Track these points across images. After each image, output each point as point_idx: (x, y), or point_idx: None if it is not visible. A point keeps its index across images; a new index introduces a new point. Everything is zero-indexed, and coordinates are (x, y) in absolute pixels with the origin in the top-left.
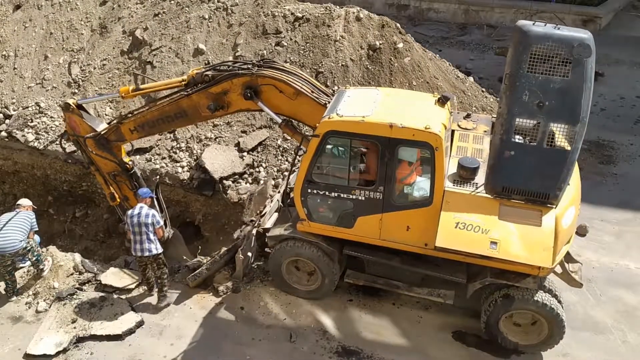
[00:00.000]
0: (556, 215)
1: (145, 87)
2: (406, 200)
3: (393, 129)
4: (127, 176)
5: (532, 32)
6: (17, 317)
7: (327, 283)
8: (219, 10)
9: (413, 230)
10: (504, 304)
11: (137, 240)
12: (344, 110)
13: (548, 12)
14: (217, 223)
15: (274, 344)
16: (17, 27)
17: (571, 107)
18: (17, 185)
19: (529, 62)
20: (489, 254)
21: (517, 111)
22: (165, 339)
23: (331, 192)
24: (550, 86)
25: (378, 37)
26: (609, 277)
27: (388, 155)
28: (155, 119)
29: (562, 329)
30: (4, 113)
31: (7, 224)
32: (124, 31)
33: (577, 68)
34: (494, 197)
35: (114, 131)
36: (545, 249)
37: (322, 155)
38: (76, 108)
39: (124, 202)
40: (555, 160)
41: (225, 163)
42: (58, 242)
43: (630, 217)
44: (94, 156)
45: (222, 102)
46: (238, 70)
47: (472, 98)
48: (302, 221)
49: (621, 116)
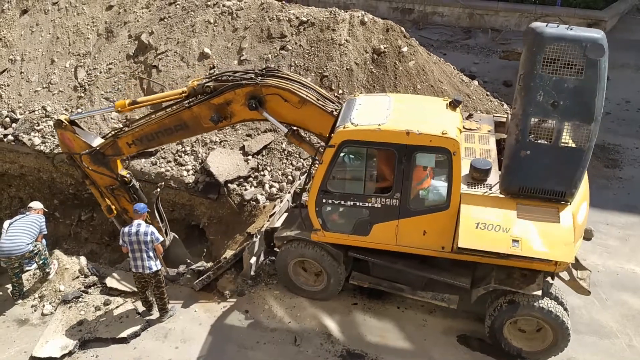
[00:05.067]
0: (572, 211)
1: (142, 100)
2: (423, 205)
3: (410, 135)
4: (126, 189)
5: (546, 33)
6: (23, 320)
7: (333, 284)
8: (224, 14)
9: (430, 235)
10: (508, 309)
11: (137, 257)
12: (358, 119)
13: (553, 15)
14: (221, 226)
15: (279, 347)
16: (24, 31)
17: (585, 106)
18: (24, 188)
19: (542, 62)
20: (512, 252)
21: (532, 111)
22: (170, 342)
23: (347, 201)
24: (564, 86)
25: (382, 41)
26: (614, 281)
27: (405, 162)
28: (155, 132)
29: (567, 336)
30: (11, 117)
31: (16, 226)
32: (129, 35)
33: (591, 68)
34: (510, 197)
35: (110, 145)
36: (567, 244)
37: (337, 164)
38: (69, 124)
39: (122, 215)
40: (571, 159)
41: (230, 166)
42: (64, 245)
43: (636, 221)
44: (90, 172)
45: (224, 113)
46: (241, 81)
47: (477, 102)
48: (316, 231)
49: (626, 120)
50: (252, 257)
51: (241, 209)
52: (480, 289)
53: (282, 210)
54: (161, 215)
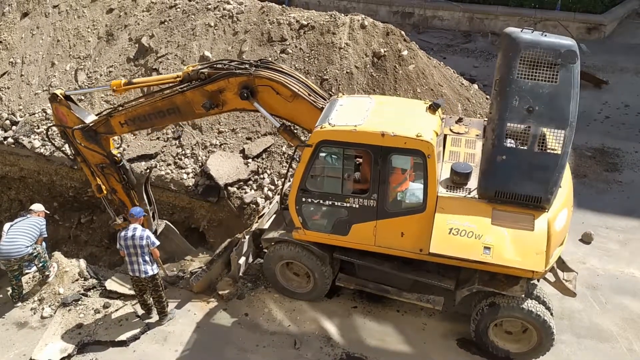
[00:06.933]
0: (548, 218)
1: (137, 81)
2: (400, 207)
3: (385, 137)
4: (116, 169)
5: (521, 38)
6: (22, 323)
7: (320, 285)
8: (224, 17)
9: (407, 236)
10: (490, 312)
11: (134, 261)
12: (336, 119)
13: (552, 19)
14: (221, 229)
15: (278, 350)
16: (24, 34)
17: (560, 111)
18: (23, 191)
19: (518, 67)
20: (482, 259)
21: (507, 116)
22: (169, 345)
23: (325, 200)
24: (539, 91)
25: (383, 45)
26: (614, 284)
27: (381, 164)
28: (147, 114)
29: (551, 336)
30: (11, 119)
31: (16, 229)
32: (130, 38)
33: (565, 73)
34: (487, 202)
35: (103, 123)
36: (538, 253)
37: (316, 164)
38: (64, 99)
39: (111, 195)
40: (546, 164)
41: (230, 169)
42: (63, 248)
43: (636, 224)
44: (81, 148)
45: (217, 100)
46: (235, 70)
47: (477, 105)
48: (297, 229)
49: (626, 124)
50: (241, 257)
51: (241, 212)
52: (464, 291)
53: (271, 211)
54: (149, 198)
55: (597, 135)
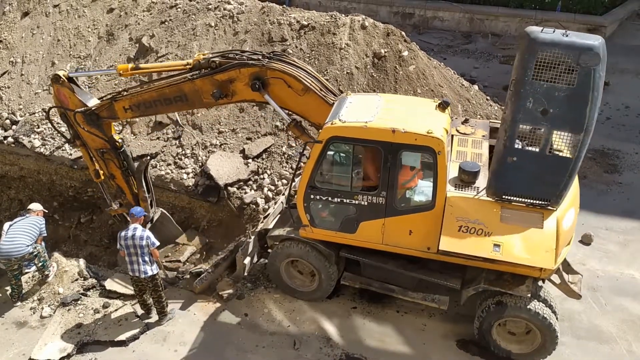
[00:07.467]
0: (557, 217)
1: (145, 66)
2: (409, 204)
3: (395, 133)
4: (116, 154)
5: (539, 38)
6: (21, 322)
7: (325, 284)
8: (225, 18)
9: (415, 235)
10: (496, 310)
11: (133, 261)
12: (347, 116)
13: (552, 21)
14: (221, 229)
15: (278, 350)
16: (25, 33)
17: (576, 116)
18: (23, 190)
19: (534, 68)
20: (492, 257)
21: (521, 118)
22: (169, 345)
23: (334, 197)
24: (555, 94)
25: (383, 45)
26: (614, 286)
27: (391, 160)
28: (153, 100)
29: (554, 339)
30: (11, 119)
31: (15, 228)
32: (130, 38)
33: (584, 76)
34: (496, 201)
35: (106, 108)
36: (547, 251)
37: (325, 161)
38: (67, 81)
39: (109, 180)
40: (558, 168)
41: (230, 170)
42: (63, 248)
43: (636, 226)
44: (82, 131)
45: (226, 90)
46: (248, 60)
47: (477, 106)
48: (304, 227)
49: (626, 125)
50: (246, 257)
51: (241, 212)
52: (470, 290)
53: (276, 211)
54: (148, 185)
55: (598, 136)
